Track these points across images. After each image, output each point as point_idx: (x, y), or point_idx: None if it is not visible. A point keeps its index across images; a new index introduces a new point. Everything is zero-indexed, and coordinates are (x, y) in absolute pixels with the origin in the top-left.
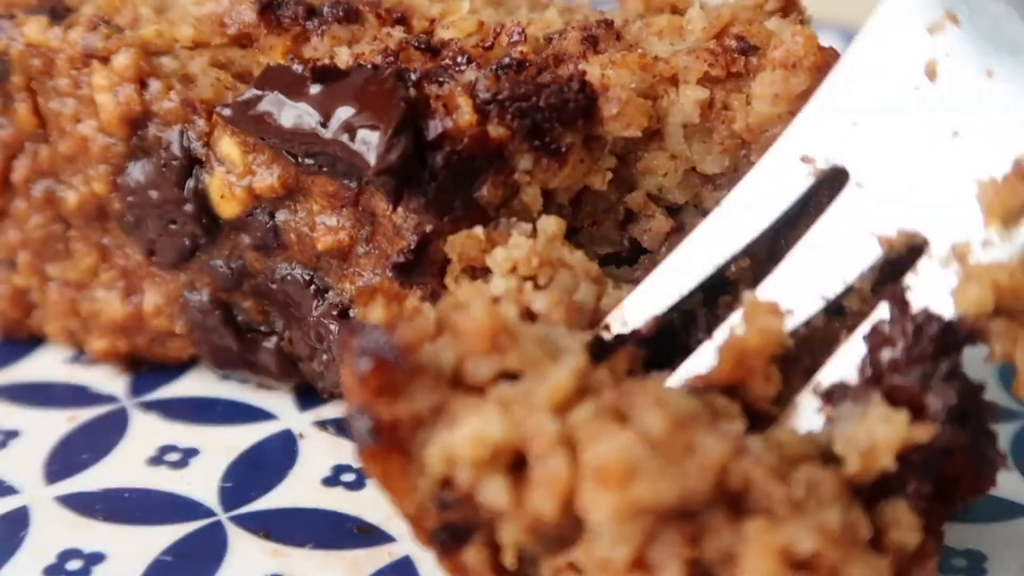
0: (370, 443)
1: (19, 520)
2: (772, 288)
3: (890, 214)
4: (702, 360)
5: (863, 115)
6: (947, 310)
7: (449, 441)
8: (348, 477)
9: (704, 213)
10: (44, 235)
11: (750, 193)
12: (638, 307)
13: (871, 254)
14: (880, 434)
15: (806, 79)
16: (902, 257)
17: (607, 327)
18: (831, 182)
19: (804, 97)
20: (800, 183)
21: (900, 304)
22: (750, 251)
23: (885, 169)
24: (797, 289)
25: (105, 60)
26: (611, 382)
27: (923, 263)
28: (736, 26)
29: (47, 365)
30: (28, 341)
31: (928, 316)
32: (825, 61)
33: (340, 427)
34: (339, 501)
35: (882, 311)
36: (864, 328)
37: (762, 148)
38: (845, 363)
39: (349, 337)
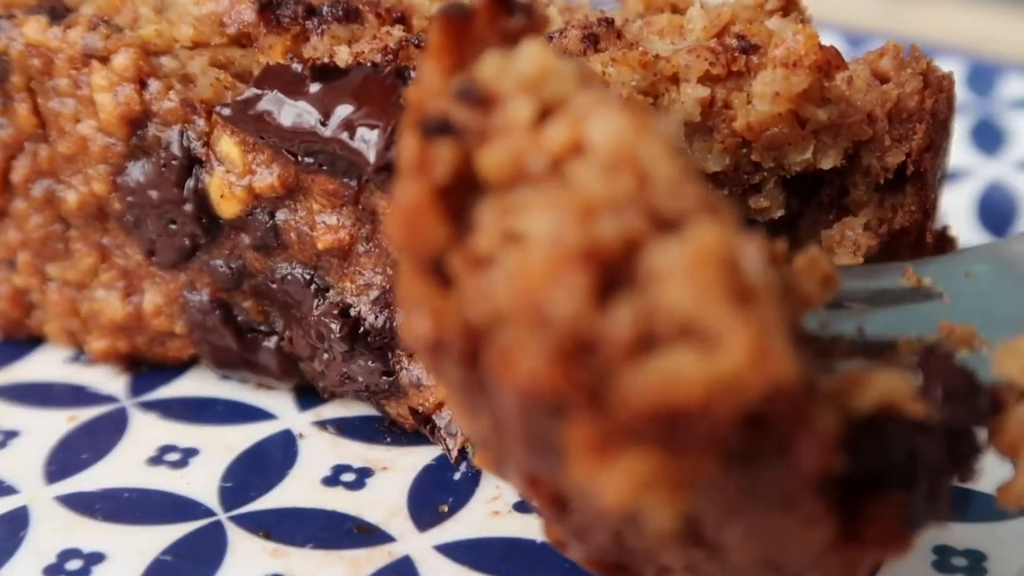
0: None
1: (19, 520)
2: None
3: None
4: None
5: None
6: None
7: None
8: (348, 477)
9: None
10: (44, 235)
11: None
12: None
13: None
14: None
15: (807, 78)
16: None
17: None
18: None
19: (804, 96)
20: None
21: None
22: None
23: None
24: None
25: (105, 60)
26: None
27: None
28: (737, 25)
29: (47, 365)
30: (28, 341)
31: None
32: (825, 60)
33: (340, 427)
34: (339, 501)
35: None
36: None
37: (762, 147)
38: None
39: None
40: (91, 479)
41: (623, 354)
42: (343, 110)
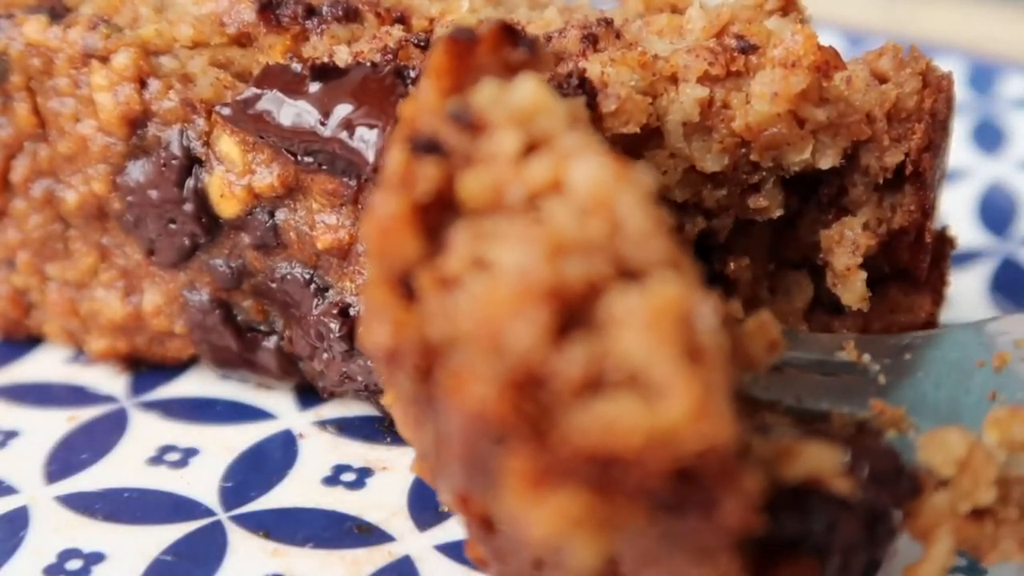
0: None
1: (19, 520)
2: None
3: None
4: None
5: None
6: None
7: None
8: (348, 477)
9: (704, 212)
10: (43, 235)
11: None
12: None
13: None
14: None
15: (805, 78)
16: None
17: None
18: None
19: (803, 96)
20: None
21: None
22: (750, 251)
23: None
24: None
25: (104, 60)
26: None
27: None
28: (736, 25)
29: (47, 365)
30: (27, 341)
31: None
32: (824, 60)
33: (340, 427)
34: (339, 501)
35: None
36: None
37: (761, 147)
38: None
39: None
40: (91, 479)
41: (571, 392)
42: (342, 109)
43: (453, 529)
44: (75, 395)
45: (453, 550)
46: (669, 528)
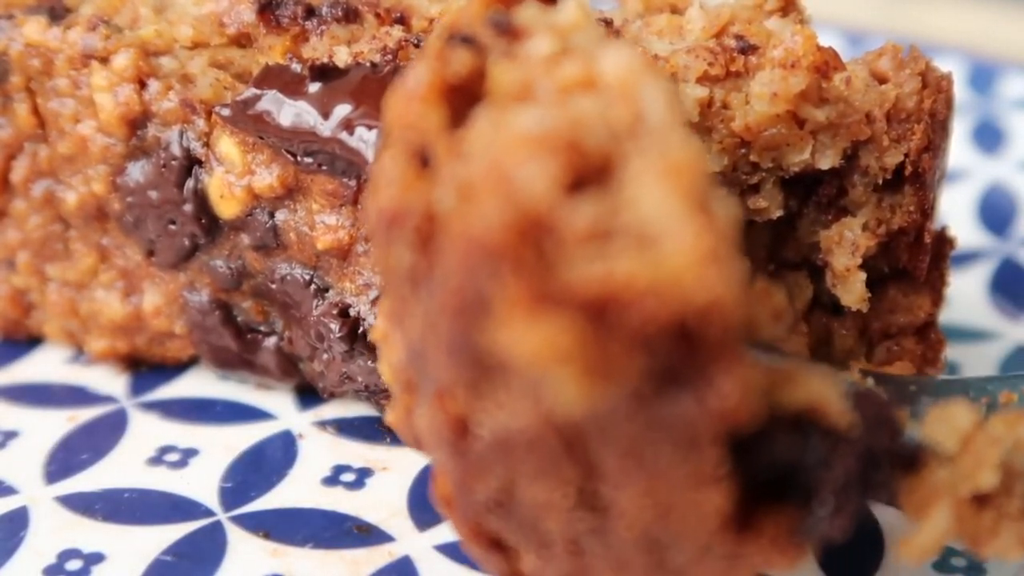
0: None
1: (18, 520)
2: None
3: None
4: None
5: None
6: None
7: None
8: (348, 477)
9: None
10: (43, 235)
11: None
12: None
13: None
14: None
15: (805, 78)
16: None
17: None
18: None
19: (803, 96)
20: None
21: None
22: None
23: None
24: None
25: (104, 60)
26: None
27: None
28: (735, 25)
29: (46, 365)
30: (27, 341)
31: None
32: (823, 60)
33: (340, 427)
34: (339, 501)
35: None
36: None
37: (761, 148)
38: None
39: None
40: (91, 479)
41: (576, 242)
42: (342, 110)
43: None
44: (75, 395)
45: (453, 550)
46: (657, 413)
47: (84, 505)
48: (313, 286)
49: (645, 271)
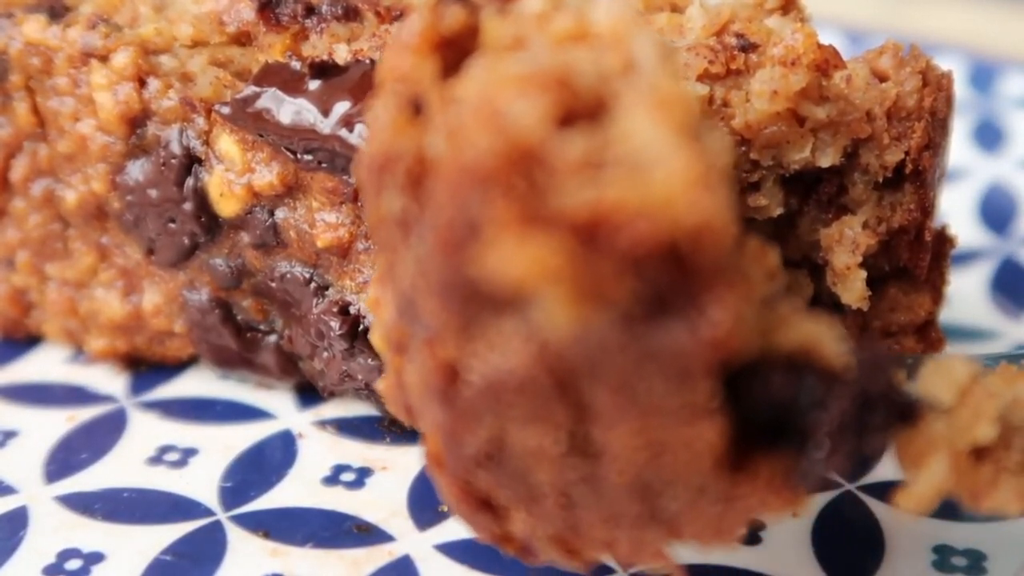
0: None
1: (18, 520)
2: None
3: None
4: None
5: None
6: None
7: None
8: (348, 477)
9: None
10: (43, 234)
11: None
12: None
13: None
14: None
15: (805, 76)
16: None
17: None
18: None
19: (803, 94)
20: None
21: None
22: None
23: None
24: None
25: (104, 59)
26: None
27: None
28: (736, 24)
29: (46, 365)
30: (27, 341)
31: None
32: (823, 58)
33: (340, 426)
34: (339, 500)
35: None
36: None
37: (761, 146)
38: None
39: None
40: (90, 479)
41: (567, 170)
42: (342, 107)
43: (453, 529)
44: (75, 395)
45: (453, 550)
46: (648, 344)
47: (84, 505)
48: (313, 284)
49: (636, 195)
